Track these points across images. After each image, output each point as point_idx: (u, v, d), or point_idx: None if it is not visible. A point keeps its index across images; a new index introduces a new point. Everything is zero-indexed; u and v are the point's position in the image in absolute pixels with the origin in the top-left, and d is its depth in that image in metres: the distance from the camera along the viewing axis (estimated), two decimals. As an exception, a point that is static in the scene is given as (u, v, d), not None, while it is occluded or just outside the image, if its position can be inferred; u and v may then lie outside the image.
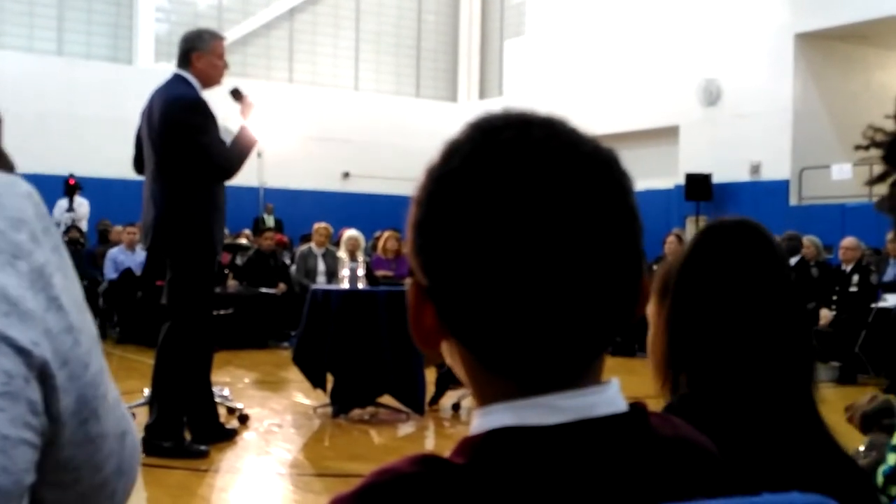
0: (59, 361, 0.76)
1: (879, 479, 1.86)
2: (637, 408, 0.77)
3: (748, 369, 1.36)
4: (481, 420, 0.76)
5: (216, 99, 5.07)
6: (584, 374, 0.75)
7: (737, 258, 1.39)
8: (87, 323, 0.81)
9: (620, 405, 0.76)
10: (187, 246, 4.94)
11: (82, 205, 15.03)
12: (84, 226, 14.31)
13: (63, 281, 0.79)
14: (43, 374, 0.75)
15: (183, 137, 4.86)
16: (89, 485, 0.83)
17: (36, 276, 0.76)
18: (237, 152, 4.98)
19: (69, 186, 14.61)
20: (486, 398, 0.77)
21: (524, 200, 0.70)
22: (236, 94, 5.27)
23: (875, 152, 1.11)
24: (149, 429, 4.91)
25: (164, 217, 4.92)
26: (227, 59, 5.16)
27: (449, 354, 0.80)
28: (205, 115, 4.91)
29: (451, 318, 0.74)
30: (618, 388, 0.77)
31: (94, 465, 0.83)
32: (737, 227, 1.44)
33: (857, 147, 1.13)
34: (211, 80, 5.07)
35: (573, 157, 0.72)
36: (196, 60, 5.03)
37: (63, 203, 14.92)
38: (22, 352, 0.73)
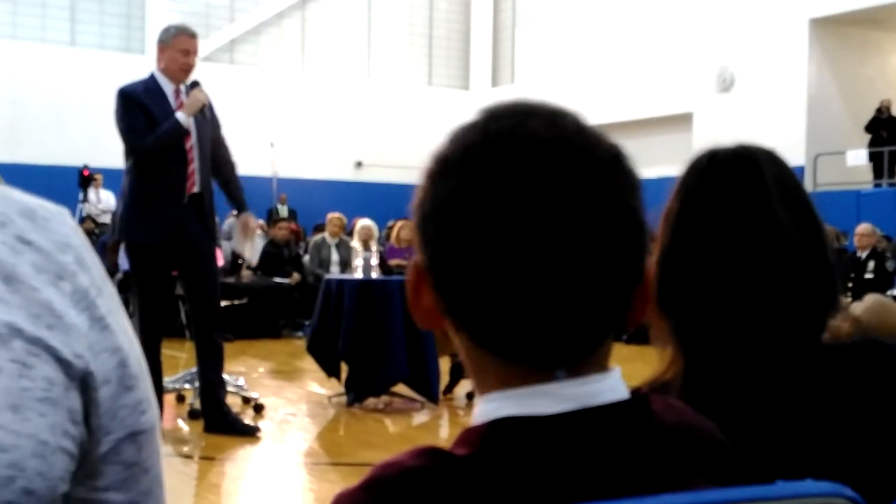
0: (101, 379, 0.76)
1: None
2: (638, 395, 0.77)
3: (748, 316, 1.21)
4: (483, 408, 0.76)
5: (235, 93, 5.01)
6: (585, 362, 0.75)
7: (732, 193, 1.29)
8: (135, 349, 0.81)
9: (622, 393, 0.76)
10: (121, 235, 5.10)
11: (110, 196, 15.11)
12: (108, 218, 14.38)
13: (109, 305, 0.80)
14: (84, 385, 0.75)
15: (117, 128, 4.95)
16: None
17: (79, 297, 0.77)
18: (154, 136, 4.86)
19: (83, 178, 14.65)
20: (485, 385, 0.77)
21: (514, 188, 0.71)
22: (192, 85, 5.05)
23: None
24: None
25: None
26: (193, 58, 4.96)
27: (456, 341, 0.80)
28: (126, 105, 4.88)
29: (447, 296, 0.75)
30: (619, 376, 0.77)
31: (127, 493, 0.81)
32: (734, 160, 1.33)
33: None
34: (174, 76, 4.95)
35: (563, 146, 0.73)
36: (160, 53, 4.98)
37: (91, 195, 14.99)
38: (62, 362, 0.73)
